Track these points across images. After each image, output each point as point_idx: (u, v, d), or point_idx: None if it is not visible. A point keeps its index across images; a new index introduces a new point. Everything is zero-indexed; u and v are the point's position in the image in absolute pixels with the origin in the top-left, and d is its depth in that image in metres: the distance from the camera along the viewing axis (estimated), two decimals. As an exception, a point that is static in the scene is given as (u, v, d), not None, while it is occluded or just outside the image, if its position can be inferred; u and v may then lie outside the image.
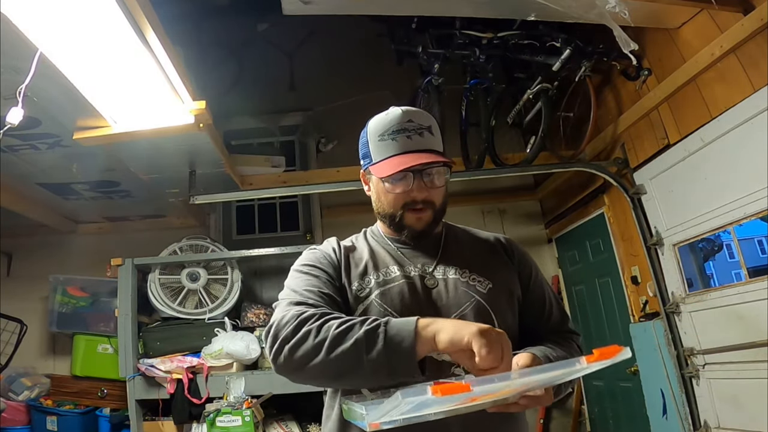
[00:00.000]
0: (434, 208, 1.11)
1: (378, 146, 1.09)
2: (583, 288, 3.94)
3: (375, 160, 1.10)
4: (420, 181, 1.07)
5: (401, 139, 1.07)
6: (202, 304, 3.32)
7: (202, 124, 2.32)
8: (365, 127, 1.14)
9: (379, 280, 1.08)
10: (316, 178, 3.60)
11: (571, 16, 2.40)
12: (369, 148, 1.12)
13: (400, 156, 1.06)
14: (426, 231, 1.12)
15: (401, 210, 1.10)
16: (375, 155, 1.10)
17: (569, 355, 1.06)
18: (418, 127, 1.08)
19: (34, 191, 3.35)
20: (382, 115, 1.12)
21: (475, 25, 3.32)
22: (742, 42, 2.20)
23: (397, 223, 1.12)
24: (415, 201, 1.08)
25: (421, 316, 1.01)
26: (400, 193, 1.09)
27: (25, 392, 3.47)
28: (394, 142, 1.07)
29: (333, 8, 2.55)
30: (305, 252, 1.18)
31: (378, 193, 1.14)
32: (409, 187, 1.07)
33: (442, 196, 1.12)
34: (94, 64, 1.84)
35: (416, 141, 1.07)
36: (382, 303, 1.04)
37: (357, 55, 4.27)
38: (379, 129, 1.10)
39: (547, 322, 1.16)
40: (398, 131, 1.07)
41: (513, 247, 1.21)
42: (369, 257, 1.14)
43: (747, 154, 2.24)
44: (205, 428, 2.85)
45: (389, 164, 1.06)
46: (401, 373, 0.85)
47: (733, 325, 2.42)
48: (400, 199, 1.09)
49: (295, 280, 1.08)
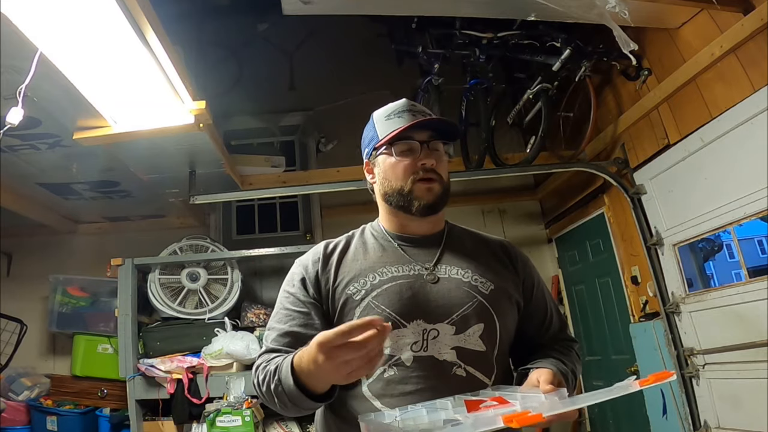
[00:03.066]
0: (442, 182, 1.11)
1: (385, 124, 1.13)
2: (583, 288, 3.94)
3: (382, 136, 1.12)
4: (427, 149, 1.10)
5: (407, 116, 1.11)
6: (202, 304, 3.32)
7: (202, 124, 2.31)
8: (371, 118, 1.18)
9: (375, 280, 1.06)
10: (316, 178, 3.60)
11: (571, 16, 2.40)
12: (375, 129, 1.15)
13: (409, 124, 1.09)
14: (436, 204, 1.11)
15: (411, 183, 1.09)
16: (381, 133, 1.13)
17: (573, 364, 1.07)
18: (422, 110, 1.14)
19: (34, 191, 3.35)
20: (387, 105, 1.17)
21: (475, 25, 3.32)
22: (742, 42, 2.20)
23: (406, 195, 1.10)
24: (424, 168, 1.09)
25: (420, 314, 1.02)
26: (409, 163, 1.09)
27: (25, 392, 3.47)
28: (400, 119, 1.11)
29: (333, 8, 2.55)
30: (294, 264, 1.18)
31: (385, 170, 1.13)
32: (417, 156, 1.09)
33: (447, 173, 1.14)
34: (94, 64, 1.84)
35: (420, 118, 1.11)
36: (378, 304, 1.03)
37: (357, 55, 4.27)
38: (386, 111, 1.15)
39: (547, 330, 1.17)
40: (403, 110, 1.13)
41: (516, 254, 1.21)
42: (364, 257, 1.12)
43: (747, 154, 2.24)
44: (205, 428, 2.85)
45: (396, 132, 1.10)
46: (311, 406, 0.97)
47: (733, 325, 2.42)
48: (409, 169, 1.09)
49: (275, 310, 1.12)
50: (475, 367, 1.00)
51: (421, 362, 0.99)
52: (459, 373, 0.99)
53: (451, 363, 0.99)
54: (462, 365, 0.99)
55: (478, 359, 1.01)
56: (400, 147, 1.10)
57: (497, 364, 1.03)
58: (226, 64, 4.35)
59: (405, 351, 0.99)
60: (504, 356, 1.07)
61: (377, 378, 1.00)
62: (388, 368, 0.99)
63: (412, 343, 1.00)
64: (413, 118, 1.10)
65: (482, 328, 1.03)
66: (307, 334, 1.01)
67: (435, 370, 0.98)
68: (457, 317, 1.02)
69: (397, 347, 0.99)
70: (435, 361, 0.99)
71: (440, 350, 0.99)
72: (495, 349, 1.04)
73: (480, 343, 1.02)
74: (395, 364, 0.99)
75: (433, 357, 0.99)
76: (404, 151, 1.10)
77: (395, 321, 1.01)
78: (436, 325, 1.01)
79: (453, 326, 1.01)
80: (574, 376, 1.05)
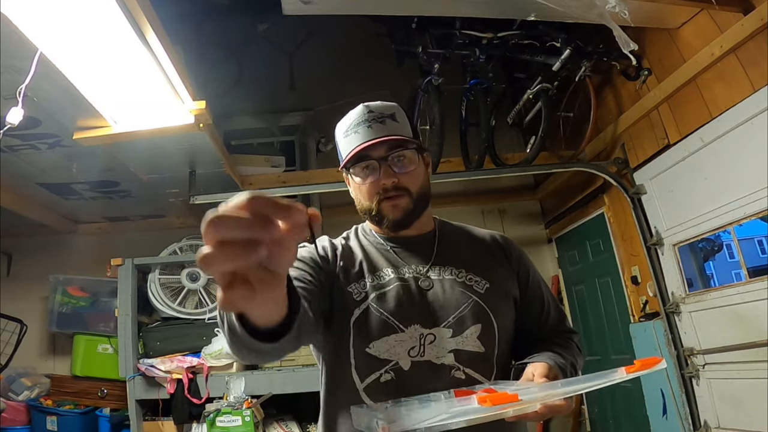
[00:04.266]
0: (410, 195, 1.07)
1: (343, 143, 1.09)
2: (583, 288, 3.94)
3: (343, 156, 1.09)
4: (387, 168, 1.05)
5: (362, 130, 1.06)
6: (202, 304, 3.32)
7: (202, 124, 2.31)
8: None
9: (374, 283, 1.05)
10: (316, 178, 3.61)
11: (571, 16, 2.40)
12: (339, 148, 1.12)
13: (360, 146, 1.04)
14: (405, 219, 1.08)
15: (376, 203, 1.07)
16: (343, 152, 1.09)
17: (573, 357, 1.04)
18: (378, 116, 1.07)
19: (34, 191, 3.35)
20: (347, 115, 1.11)
21: (475, 25, 3.31)
22: (742, 42, 2.20)
23: (375, 216, 1.08)
24: (386, 189, 1.05)
25: (417, 318, 1.01)
26: (371, 184, 1.06)
27: (25, 392, 3.47)
28: (356, 135, 1.06)
29: (333, 8, 2.55)
30: None
31: (354, 190, 1.12)
32: (378, 176, 1.05)
33: (419, 182, 1.08)
34: (94, 64, 1.84)
35: (377, 129, 1.05)
36: (378, 307, 1.01)
37: (357, 55, 4.26)
38: (344, 127, 1.10)
39: (546, 322, 1.15)
40: (359, 123, 1.06)
41: (510, 247, 1.18)
42: (363, 258, 1.10)
43: (747, 154, 2.24)
44: (205, 428, 2.85)
45: (352, 155, 1.05)
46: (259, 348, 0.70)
47: (733, 325, 2.42)
48: (372, 190, 1.07)
49: None
50: (474, 369, 0.99)
51: (419, 367, 0.98)
52: (458, 376, 0.98)
53: (449, 366, 0.98)
54: (461, 368, 0.98)
55: (477, 360, 1.00)
56: (359, 169, 1.07)
57: (497, 364, 1.02)
58: (226, 64, 4.35)
59: (403, 356, 0.98)
60: (504, 355, 1.05)
61: (375, 383, 0.98)
62: (385, 373, 0.98)
63: (409, 348, 0.99)
64: (368, 132, 1.05)
65: (479, 329, 1.01)
66: (300, 286, 0.92)
67: (433, 374, 0.97)
68: (453, 320, 1.01)
69: (395, 353, 0.99)
70: (433, 366, 0.98)
71: (438, 354, 0.99)
72: (494, 349, 1.03)
73: (479, 344, 1.01)
74: (393, 370, 0.98)
75: (431, 361, 0.98)
76: (364, 170, 1.06)
77: (393, 326, 1.00)
78: (433, 329, 1.00)
79: (449, 329, 1.00)
80: (574, 369, 1.02)
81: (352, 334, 1.01)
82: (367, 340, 0.99)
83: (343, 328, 1.01)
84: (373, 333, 0.99)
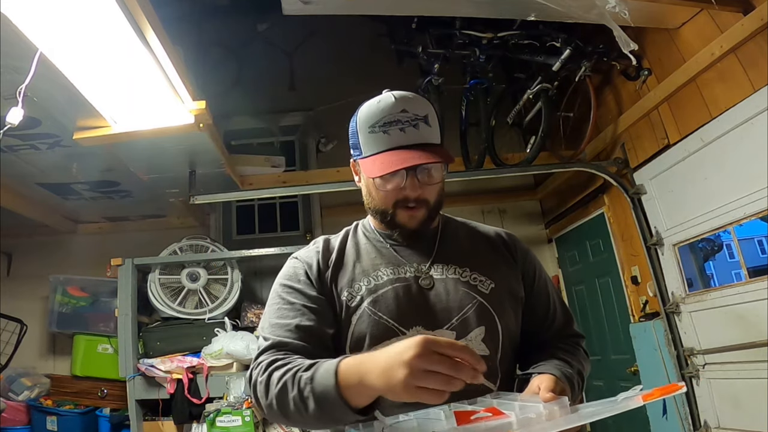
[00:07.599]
0: (428, 206, 1.02)
1: (368, 138, 0.99)
2: (583, 288, 3.94)
3: (365, 154, 1.00)
4: (413, 179, 0.98)
5: (394, 132, 0.96)
6: (202, 304, 3.32)
7: (202, 124, 2.31)
8: (355, 114, 1.04)
9: (370, 285, 1.00)
10: (316, 178, 3.60)
11: (571, 16, 2.40)
12: (358, 138, 1.02)
13: (391, 152, 0.96)
14: (420, 230, 1.03)
15: (392, 208, 1.02)
16: (365, 148, 1.00)
17: (580, 364, 1.00)
18: (412, 117, 0.97)
19: (34, 191, 3.35)
20: (373, 102, 1.01)
21: (475, 25, 3.32)
22: (742, 42, 2.20)
23: (388, 221, 1.04)
24: (407, 199, 1.00)
25: (419, 320, 0.97)
26: (391, 190, 1.00)
27: (25, 392, 3.47)
28: (386, 136, 0.97)
29: (333, 8, 2.55)
30: (288, 261, 1.08)
31: (368, 187, 1.05)
32: (402, 184, 0.99)
33: (437, 193, 1.04)
34: (94, 64, 1.84)
35: (410, 134, 0.97)
36: (374, 311, 0.97)
37: (357, 55, 4.26)
38: (370, 119, 0.99)
39: (552, 325, 1.10)
40: (390, 123, 0.97)
41: (516, 244, 1.13)
42: (358, 260, 1.05)
43: (747, 155, 2.24)
44: (205, 428, 2.85)
45: (380, 162, 0.96)
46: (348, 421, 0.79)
47: (733, 325, 2.42)
48: (392, 197, 1.01)
49: (272, 307, 1.01)
50: None
51: None
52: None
53: None
54: None
55: None
56: (384, 176, 0.98)
57: (501, 368, 0.99)
58: (226, 64, 4.35)
59: None
60: (507, 358, 1.01)
61: None
62: None
63: None
64: (400, 137, 0.96)
65: (483, 332, 0.98)
66: (323, 330, 0.94)
67: None
68: (456, 321, 0.97)
69: None
70: None
71: None
72: (498, 352, 0.99)
73: (483, 347, 0.97)
74: None
75: None
76: (389, 178, 0.99)
77: (394, 329, 0.96)
78: (436, 331, 0.96)
79: (453, 331, 0.97)
80: (580, 378, 0.99)
81: (352, 342, 0.98)
82: (368, 347, 0.96)
83: (342, 336, 0.99)
84: (374, 338, 0.96)
